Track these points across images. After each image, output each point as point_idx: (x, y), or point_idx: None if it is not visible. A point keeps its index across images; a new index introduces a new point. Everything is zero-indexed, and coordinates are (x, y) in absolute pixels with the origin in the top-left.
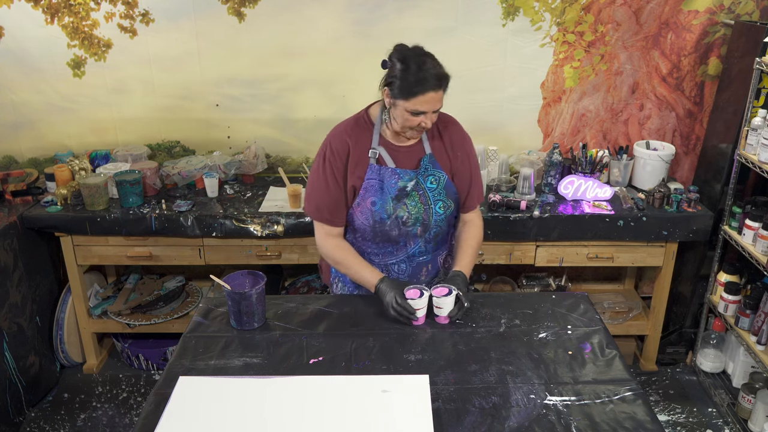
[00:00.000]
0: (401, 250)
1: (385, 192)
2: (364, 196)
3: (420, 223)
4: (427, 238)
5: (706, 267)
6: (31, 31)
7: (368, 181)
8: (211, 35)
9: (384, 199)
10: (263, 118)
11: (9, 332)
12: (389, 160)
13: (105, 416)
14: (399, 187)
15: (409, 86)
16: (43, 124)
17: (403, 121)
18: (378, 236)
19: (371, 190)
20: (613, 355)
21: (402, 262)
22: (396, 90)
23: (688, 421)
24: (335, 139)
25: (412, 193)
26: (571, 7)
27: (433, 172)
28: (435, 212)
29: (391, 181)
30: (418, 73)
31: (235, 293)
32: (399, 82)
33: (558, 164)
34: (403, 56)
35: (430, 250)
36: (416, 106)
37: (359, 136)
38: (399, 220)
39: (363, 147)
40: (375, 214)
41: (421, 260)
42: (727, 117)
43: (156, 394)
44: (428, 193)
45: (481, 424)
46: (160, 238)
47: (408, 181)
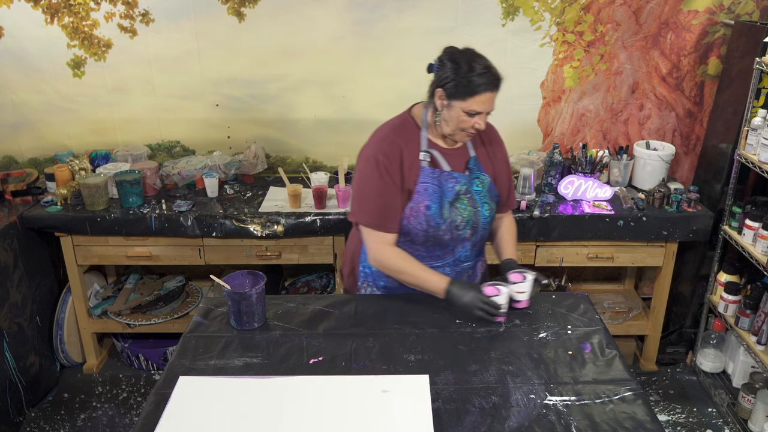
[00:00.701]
0: (449, 254)
1: (442, 196)
2: (418, 200)
3: (470, 226)
4: (473, 241)
5: (706, 267)
6: (31, 31)
7: (422, 185)
8: (211, 35)
9: (441, 204)
10: (263, 118)
11: (9, 332)
12: (444, 163)
13: (105, 416)
14: (456, 191)
15: (468, 85)
16: (43, 124)
17: (457, 122)
18: (430, 240)
19: (425, 193)
20: (613, 355)
21: (447, 266)
22: (452, 90)
23: (688, 421)
24: (385, 142)
25: (462, 196)
26: (570, 7)
27: (478, 175)
28: (482, 215)
29: (448, 184)
30: (474, 72)
31: (235, 293)
32: (456, 82)
33: (558, 164)
34: (457, 57)
35: (474, 255)
36: (473, 107)
37: (407, 138)
38: (453, 224)
39: (413, 149)
40: (430, 219)
41: (465, 265)
42: (727, 117)
43: (156, 394)
44: (476, 196)
45: (481, 424)
46: (160, 238)
47: (463, 184)
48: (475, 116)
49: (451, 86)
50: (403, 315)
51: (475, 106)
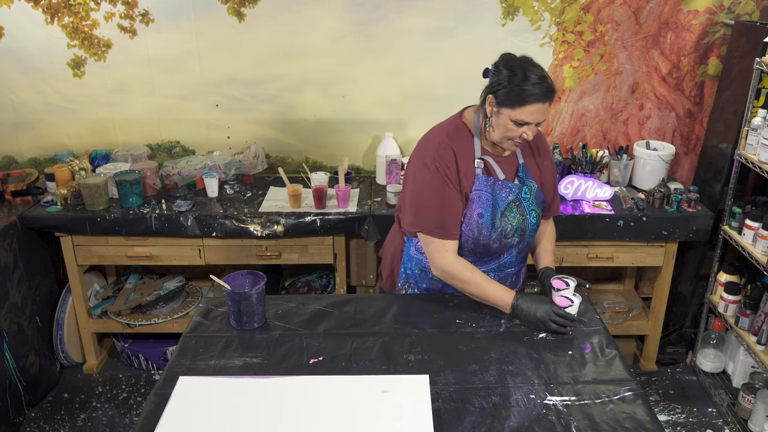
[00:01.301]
0: (494, 260)
1: (495, 205)
2: (471, 207)
3: (518, 234)
4: (520, 248)
5: (706, 267)
6: (31, 31)
7: (476, 192)
8: (211, 35)
9: (494, 212)
10: (263, 118)
11: (9, 332)
12: (499, 171)
13: (105, 416)
14: (509, 200)
15: (519, 94)
16: (43, 124)
17: (504, 131)
18: (479, 248)
19: (479, 201)
20: (613, 355)
21: (492, 271)
22: (502, 97)
23: (688, 421)
24: (441, 148)
25: (511, 204)
26: (570, 7)
27: (527, 182)
28: (530, 222)
29: (502, 194)
30: (528, 82)
31: (235, 293)
32: (508, 90)
33: (558, 164)
34: (513, 64)
35: (519, 261)
36: (522, 116)
37: (462, 144)
38: (503, 233)
39: (467, 155)
40: (482, 227)
41: (509, 271)
42: (727, 117)
43: (156, 394)
44: (524, 203)
45: (481, 424)
46: (160, 238)
47: (518, 193)
48: (522, 126)
49: (503, 93)
50: (403, 315)
51: (524, 116)
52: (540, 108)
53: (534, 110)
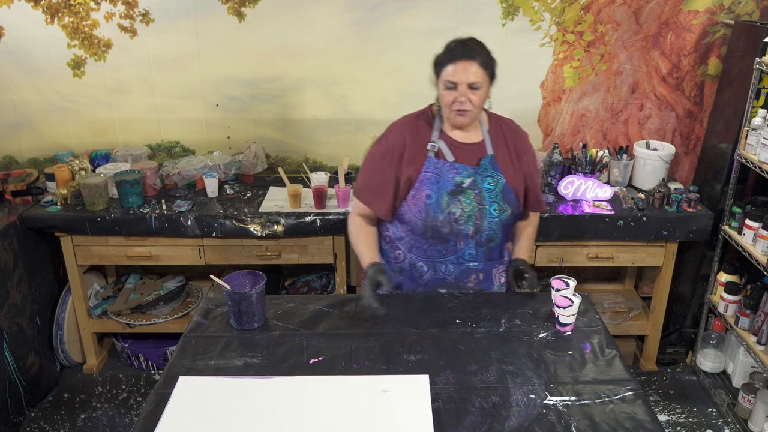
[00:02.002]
0: (451, 250)
1: (441, 186)
2: (420, 188)
3: (472, 223)
4: (478, 240)
5: (706, 267)
6: (31, 31)
7: (425, 174)
8: (211, 35)
9: (439, 193)
10: (263, 118)
11: (9, 332)
12: (448, 153)
13: (105, 416)
14: (456, 182)
15: (442, 57)
16: (43, 124)
17: (443, 101)
18: (428, 231)
19: (427, 182)
20: (613, 355)
21: (450, 262)
22: (435, 67)
23: (688, 421)
24: (394, 132)
25: (467, 191)
26: (570, 7)
27: (492, 174)
28: (489, 214)
29: (449, 175)
30: (451, 46)
31: (235, 293)
32: (437, 58)
33: (558, 164)
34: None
35: (482, 256)
36: (447, 77)
37: (419, 129)
38: (451, 216)
39: (422, 140)
40: (429, 208)
41: (471, 266)
42: (727, 117)
43: (156, 394)
44: (484, 193)
45: (481, 424)
46: (160, 238)
47: (466, 177)
48: (453, 89)
49: (435, 64)
50: (403, 315)
51: (448, 76)
52: (464, 66)
53: (456, 69)
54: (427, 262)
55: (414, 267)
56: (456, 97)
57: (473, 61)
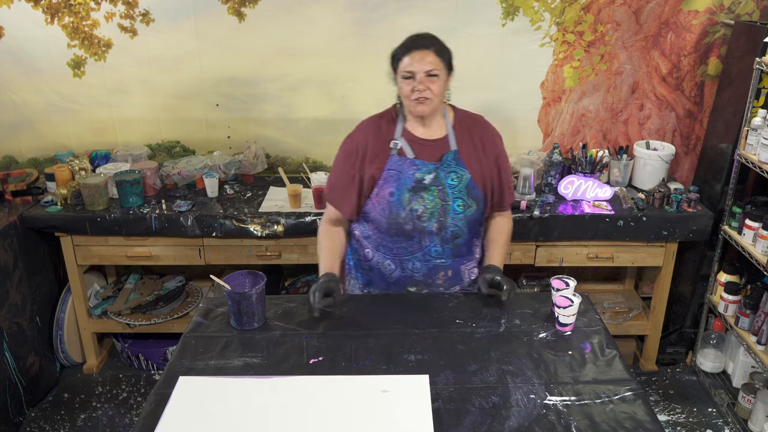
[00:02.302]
0: (416, 246)
1: (402, 183)
2: (383, 186)
3: (436, 219)
4: (443, 237)
5: (706, 267)
6: (31, 31)
7: (387, 172)
8: (211, 35)
9: (401, 190)
10: (263, 118)
11: (9, 332)
12: (409, 151)
13: (105, 416)
14: (416, 178)
15: (397, 51)
16: (43, 124)
17: (402, 92)
18: (392, 228)
19: (390, 180)
20: (613, 355)
21: (417, 260)
22: (392, 62)
23: (688, 421)
24: (358, 132)
25: (430, 187)
26: (570, 7)
27: (455, 169)
28: (453, 209)
29: (409, 171)
30: (408, 37)
31: (235, 293)
32: (392, 53)
33: (558, 164)
34: None
35: (449, 253)
36: (404, 67)
37: (382, 128)
38: (414, 213)
39: (385, 139)
40: (392, 206)
41: (438, 263)
42: (727, 117)
43: (156, 394)
44: (448, 189)
45: (481, 424)
46: (160, 238)
47: (426, 173)
48: (410, 79)
49: (392, 59)
50: (403, 315)
51: (406, 66)
52: (421, 55)
53: (412, 59)
54: (394, 260)
55: (382, 265)
56: (414, 86)
57: (428, 50)
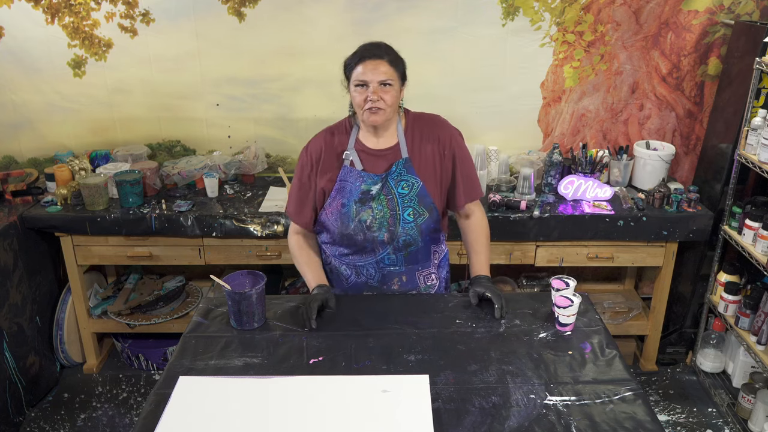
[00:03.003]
0: (369, 255)
1: (350, 194)
2: (335, 197)
3: (386, 229)
4: (395, 246)
5: (706, 267)
6: (32, 31)
7: (340, 183)
8: (211, 35)
9: (350, 202)
10: (263, 118)
11: (9, 332)
12: (358, 162)
13: (105, 416)
14: (362, 190)
15: (350, 59)
16: (43, 124)
17: (355, 102)
18: (344, 239)
19: (342, 191)
20: (613, 355)
21: (370, 266)
22: (345, 71)
23: (688, 421)
24: (312, 143)
25: (379, 197)
26: (570, 7)
27: (406, 178)
28: (403, 219)
29: (355, 183)
30: (361, 45)
31: (235, 293)
32: (347, 60)
33: (558, 164)
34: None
35: (402, 261)
36: (357, 77)
37: (337, 139)
38: (363, 224)
39: (338, 150)
40: (342, 217)
41: (392, 270)
42: (727, 117)
43: (156, 394)
44: (397, 198)
45: (481, 424)
46: (160, 238)
47: (372, 184)
48: (362, 88)
49: (344, 69)
50: (403, 315)
51: (359, 76)
52: (373, 64)
53: (365, 68)
54: (349, 266)
55: (338, 270)
56: (367, 95)
57: (381, 60)
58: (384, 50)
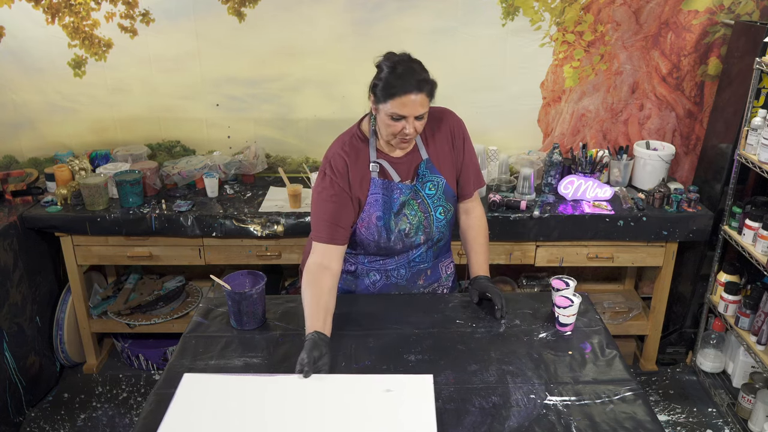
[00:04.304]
0: (402, 258)
1: (388, 207)
2: (369, 211)
3: (422, 232)
4: (429, 245)
5: (706, 267)
6: (32, 31)
7: (372, 196)
8: (211, 35)
9: (388, 215)
10: (263, 118)
11: (9, 332)
12: (394, 174)
13: (105, 416)
14: (401, 201)
15: (388, 88)
16: (43, 124)
17: (385, 128)
18: (382, 251)
19: (376, 204)
20: (613, 355)
21: (402, 267)
22: (378, 94)
23: (688, 421)
24: (335, 158)
25: (410, 202)
26: (570, 7)
27: (431, 178)
28: (436, 218)
29: (393, 195)
30: (397, 74)
31: (235, 293)
32: (380, 84)
33: (558, 164)
34: (386, 61)
35: (431, 256)
36: (395, 109)
37: (356, 150)
38: (402, 233)
39: (363, 162)
40: (381, 230)
41: (421, 267)
42: (727, 117)
43: (156, 394)
44: (427, 200)
45: (481, 424)
46: (160, 238)
47: (408, 194)
48: (400, 120)
49: (377, 89)
50: (403, 315)
51: (396, 109)
52: (414, 99)
53: (406, 102)
54: (379, 271)
55: (366, 275)
56: (404, 127)
57: (421, 93)
58: (424, 80)
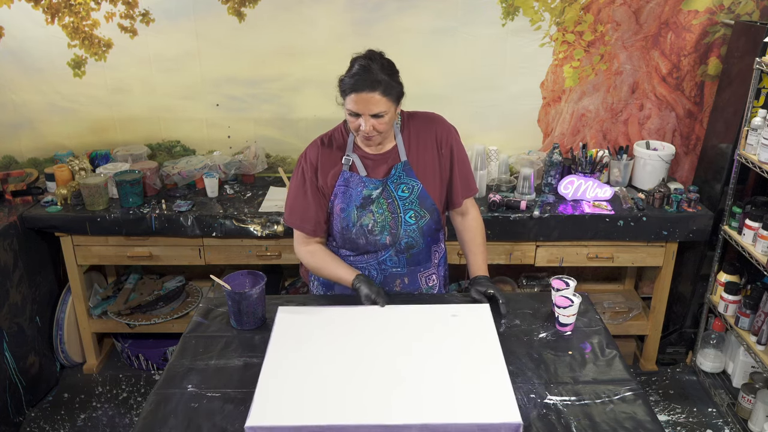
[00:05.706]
0: (371, 257)
1: (351, 199)
2: (335, 202)
3: (387, 232)
4: (397, 248)
5: (706, 267)
6: (32, 31)
7: (338, 188)
8: (211, 35)
9: (350, 207)
10: (263, 118)
11: (9, 332)
12: (361, 167)
13: (105, 416)
14: (363, 195)
15: (343, 84)
16: (43, 124)
17: (349, 124)
18: (347, 243)
19: (341, 196)
20: (613, 355)
21: (372, 268)
22: (339, 90)
23: (688, 421)
24: (310, 149)
25: (379, 200)
26: (570, 7)
27: (405, 181)
28: (405, 221)
29: (357, 188)
30: (352, 72)
31: (235, 293)
32: (341, 81)
33: (558, 164)
34: (355, 57)
35: (404, 262)
36: (349, 106)
37: (334, 143)
38: (364, 228)
39: (336, 155)
40: (342, 221)
41: (394, 271)
42: (727, 117)
43: (156, 394)
44: (398, 201)
45: None
46: (160, 238)
47: (373, 189)
48: (356, 117)
49: (340, 85)
50: None
51: (350, 106)
52: (367, 98)
53: (360, 100)
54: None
55: None
56: (360, 124)
57: (374, 93)
58: (378, 79)
